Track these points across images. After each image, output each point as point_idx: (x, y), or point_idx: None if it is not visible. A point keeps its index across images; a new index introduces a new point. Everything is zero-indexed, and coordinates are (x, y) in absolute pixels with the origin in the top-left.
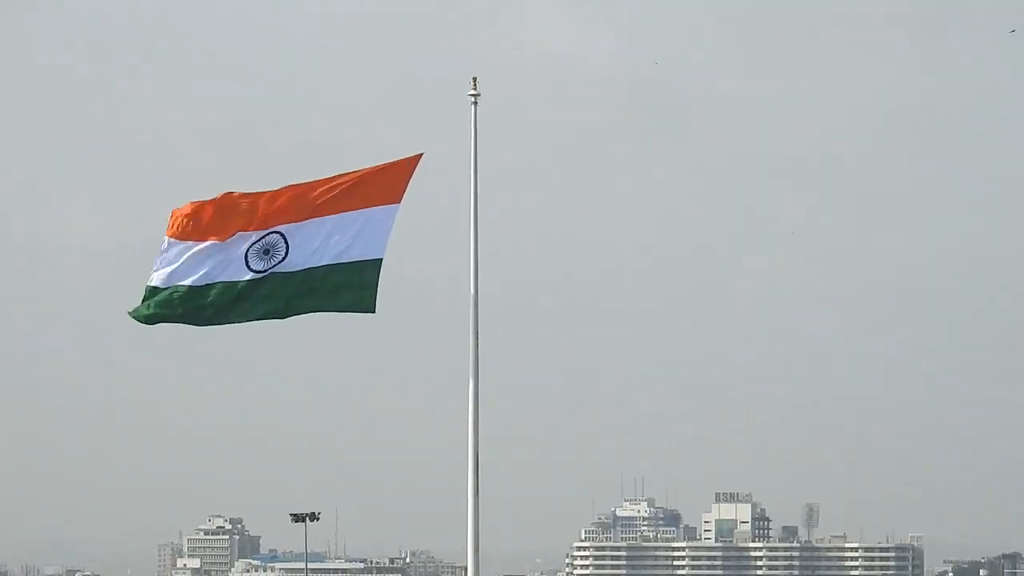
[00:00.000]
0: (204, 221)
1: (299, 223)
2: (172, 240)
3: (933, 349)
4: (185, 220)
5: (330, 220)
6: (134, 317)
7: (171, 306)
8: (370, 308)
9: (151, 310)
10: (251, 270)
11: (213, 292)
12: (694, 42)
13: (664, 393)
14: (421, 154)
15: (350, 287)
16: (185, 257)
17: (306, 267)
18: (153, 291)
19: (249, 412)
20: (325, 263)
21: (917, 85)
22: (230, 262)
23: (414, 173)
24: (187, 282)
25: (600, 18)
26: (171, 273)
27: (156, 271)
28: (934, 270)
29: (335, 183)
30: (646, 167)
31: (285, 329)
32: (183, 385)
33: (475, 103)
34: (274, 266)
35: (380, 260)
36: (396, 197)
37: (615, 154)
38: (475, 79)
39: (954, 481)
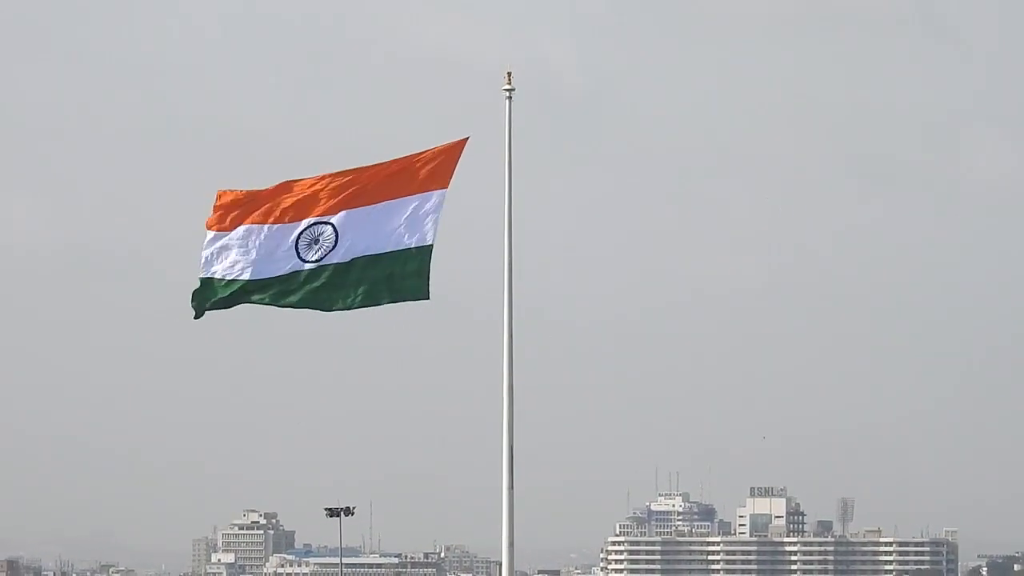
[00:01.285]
0: (249, 210)
1: (347, 211)
2: (216, 232)
3: (964, 346)
4: (228, 210)
5: (378, 208)
6: (196, 312)
7: (222, 299)
8: (424, 295)
9: (205, 302)
10: (302, 260)
11: (262, 285)
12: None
13: (698, 388)
14: (467, 138)
15: (402, 275)
16: (232, 247)
17: (357, 256)
18: (203, 283)
19: (283, 407)
20: (376, 252)
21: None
22: (279, 252)
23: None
24: (239, 276)
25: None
26: (218, 265)
27: (204, 263)
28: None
29: (381, 170)
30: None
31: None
32: (219, 379)
33: (510, 98)
34: (324, 256)
35: (431, 246)
36: (444, 182)
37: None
38: (509, 74)
39: (989, 476)
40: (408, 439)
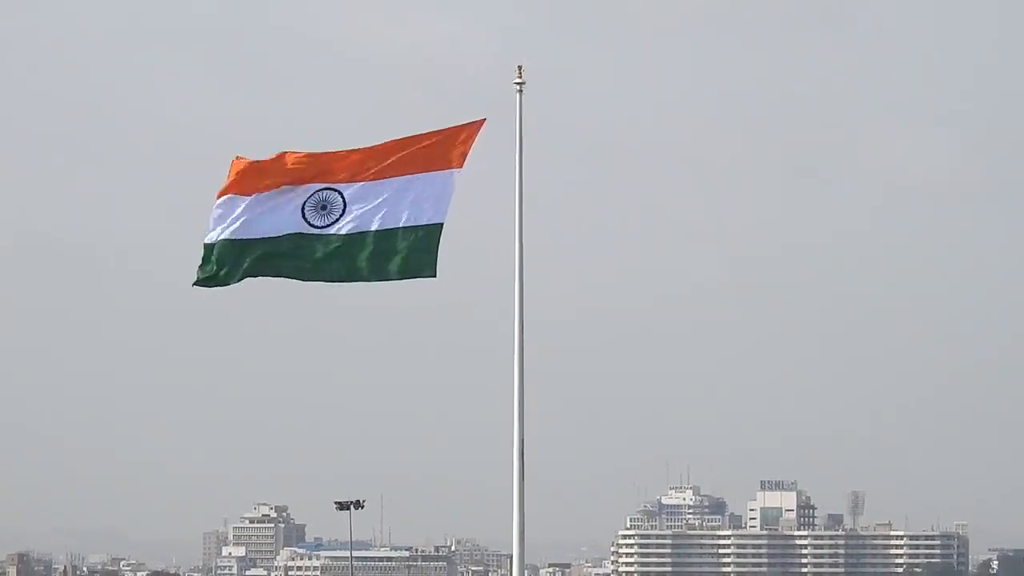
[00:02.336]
0: (258, 176)
1: (358, 184)
2: (224, 197)
3: (976, 339)
4: (238, 176)
5: (389, 183)
6: (198, 282)
7: (229, 262)
8: (431, 272)
9: (211, 270)
10: (309, 223)
11: (269, 244)
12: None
13: (709, 382)
14: (483, 120)
15: (411, 252)
16: (237, 211)
17: (366, 230)
18: (209, 249)
19: (294, 401)
20: (386, 227)
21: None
22: (286, 213)
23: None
24: (243, 236)
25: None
26: (224, 228)
27: (211, 229)
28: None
29: (394, 146)
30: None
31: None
32: (229, 373)
33: (520, 91)
34: (331, 223)
35: (441, 225)
36: (458, 162)
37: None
38: (520, 67)
39: (999, 469)
40: (418, 433)
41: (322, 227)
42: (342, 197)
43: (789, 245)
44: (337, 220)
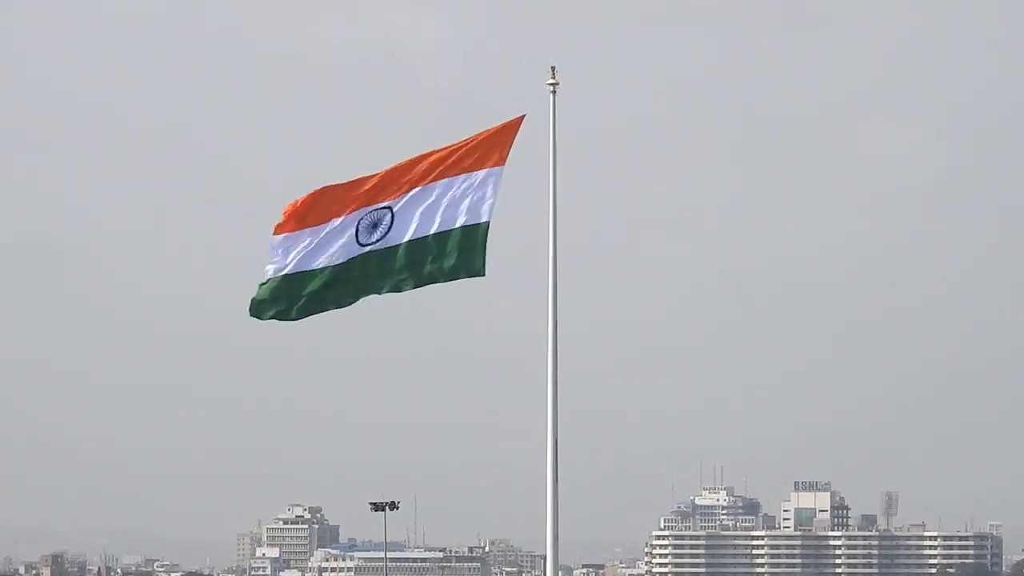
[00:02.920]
0: (310, 211)
1: (404, 195)
2: (281, 236)
3: (1007, 336)
4: (292, 214)
5: (434, 187)
6: (255, 316)
7: (286, 297)
8: (480, 272)
9: (268, 306)
10: (360, 244)
11: (327, 274)
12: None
13: (743, 382)
14: (523, 115)
15: (460, 253)
16: (296, 248)
17: (413, 238)
18: (268, 284)
19: (328, 401)
20: (432, 232)
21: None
22: (344, 242)
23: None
24: (302, 268)
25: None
26: (284, 264)
27: (270, 266)
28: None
29: (438, 155)
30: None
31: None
32: (264, 373)
33: (554, 92)
34: (380, 238)
35: (487, 224)
36: (500, 159)
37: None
38: (553, 68)
39: None
40: (452, 433)
41: (371, 243)
42: (391, 212)
43: (824, 245)
44: (385, 235)
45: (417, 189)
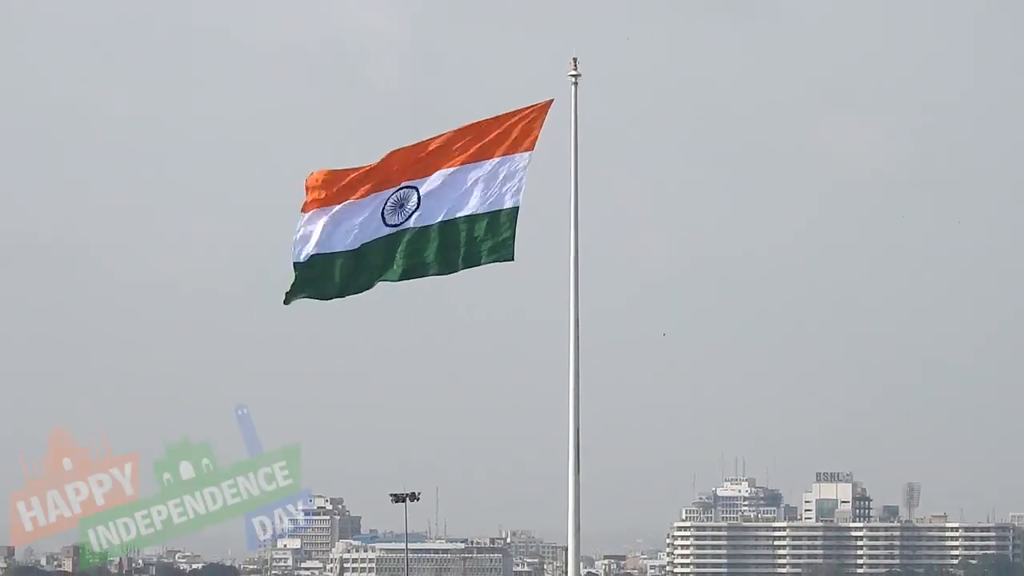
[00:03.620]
0: (336, 187)
1: (430, 176)
2: (307, 214)
3: None
4: (316, 191)
5: (462, 171)
6: (289, 299)
7: (318, 279)
8: (509, 256)
9: (301, 288)
10: (387, 225)
11: (355, 256)
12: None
13: (763, 373)
14: (551, 100)
15: (489, 237)
16: (322, 225)
17: (442, 220)
18: (299, 267)
19: (348, 392)
20: (462, 215)
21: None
22: (369, 222)
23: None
24: (330, 249)
25: None
26: (313, 244)
27: (297, 247)
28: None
29: (463, 135)
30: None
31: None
32: (284, 363)
33: (575, 83)
34: (407, 219)
35: (516, 209)
36: (529, 144)
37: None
38: (575, 59)
39: None
40: (474, 424)
41: (398, 224)
42: (417, 193)
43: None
44: (411, 216)
45: (448, 171)
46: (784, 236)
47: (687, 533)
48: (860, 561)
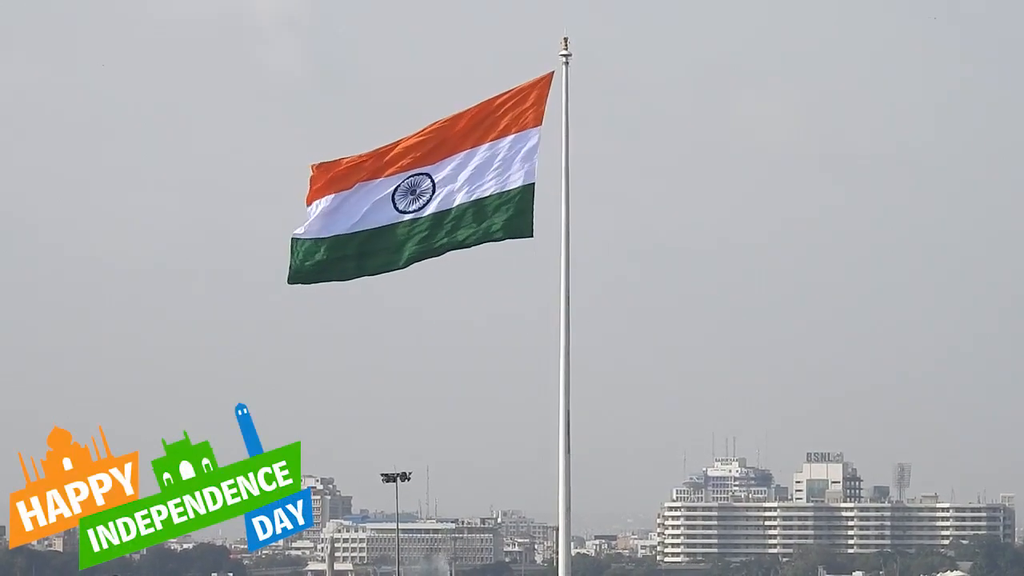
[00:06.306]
0: (341, 173)
1: (442, 160)
2: (313, 200)
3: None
4: (321, 176)
5: (475, 152)
6: (292, 279)
7: (320, 260)
8: (528, 233)
9: (304, 265)
10: (399, 211)
11: (361, 239)
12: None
13: (755, 353)
14: (552, 73)
15: (508, 215)
16: (327, 209)
17: (458, 203)
18: (300, 244)
19: (340, 372)
20: (477, 197)
21: None
22: (378, 206)
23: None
24: (335, 232)
25: None
26: (316, 226)
27: (304, 225)
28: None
29: (468, 116)
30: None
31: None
32: (274, 342)
33: (566, 63)
34: (423, 206)
35: (532, 185)
36: (536, 120)
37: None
38: (566, 39)
39: None
40: (464, 404)
41: (414, 212)
42: (431, 179)
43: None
44: (428, 203)
45: (459, 155)
46: (782, 223)
47: (678, 513)
48: (851, 542)
